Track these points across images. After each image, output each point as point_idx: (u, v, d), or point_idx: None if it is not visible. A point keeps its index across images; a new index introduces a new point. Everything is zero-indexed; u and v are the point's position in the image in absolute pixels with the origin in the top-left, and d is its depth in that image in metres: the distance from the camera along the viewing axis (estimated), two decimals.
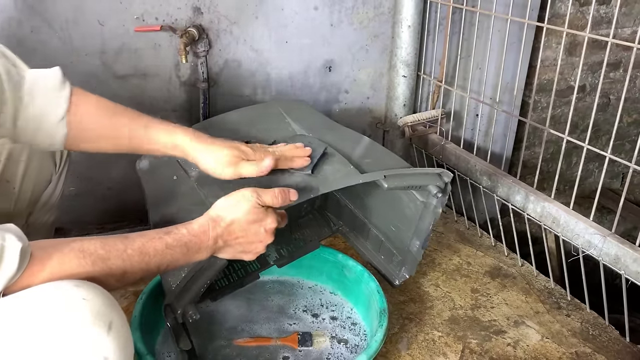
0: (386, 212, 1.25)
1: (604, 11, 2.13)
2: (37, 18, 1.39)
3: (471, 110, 1.93)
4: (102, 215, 1.62)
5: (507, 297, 1.41)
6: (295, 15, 1.64)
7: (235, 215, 0.89)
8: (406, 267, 1.25)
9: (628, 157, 1.37)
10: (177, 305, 0.96)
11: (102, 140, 0.99)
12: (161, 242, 0.82)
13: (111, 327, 0.67)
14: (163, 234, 0.84)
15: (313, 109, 1.45)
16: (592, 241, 1.26)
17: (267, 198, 0.92)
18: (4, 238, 0.68)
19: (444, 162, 1.72)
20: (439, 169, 1.10)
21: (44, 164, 1.10)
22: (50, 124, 0.92)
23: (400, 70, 1.79)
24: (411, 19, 1.71)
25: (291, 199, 0.95)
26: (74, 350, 0.65)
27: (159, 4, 1.48)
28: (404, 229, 1.21)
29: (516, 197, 1.47)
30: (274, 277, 1.38)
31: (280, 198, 0.93)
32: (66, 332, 0.65)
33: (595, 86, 2.24)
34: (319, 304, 1.31)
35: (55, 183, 1.14)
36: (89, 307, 0.67)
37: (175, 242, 0.83)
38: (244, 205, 0.90)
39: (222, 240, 0.89)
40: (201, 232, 0.87)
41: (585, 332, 1.30)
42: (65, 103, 0.92)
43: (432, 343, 1.25)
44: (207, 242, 0.87)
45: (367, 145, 1.21)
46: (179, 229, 0.86)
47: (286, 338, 1.19)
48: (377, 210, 1.28)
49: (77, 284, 0.69)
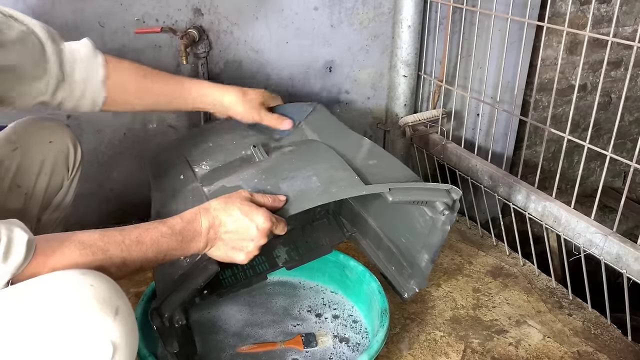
0: (397, 223, 1.24)
1: (605, 10, 2.13)
2: (38, 19, 1.39)
3: (472, 109, 1.93)
4: (105, 217, 1.62)
5: (509, 297, 1.41)
6: (295, 16, 1.64)
7: (226, 204, 0.91)
8: (415, 280, 1.23)
9: (629, 156, 1.38)
10: (165, 309, 0.96)
11: (137, 100, 1.10)
12: (156, 231, 0.84)
13: (117, 312, 0.70)
14: (158, 224, 0.86)
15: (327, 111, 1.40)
16: (594, 240, 1.25)
17: (258, 197, 0.96)
18: (11, 230, 0.71)
19: (445, 161, 1.72)
20: (447, 185, 1.06)
21: (56, 170, 1.12)
22: (93, 88, 1.02)
23: (400, 70, 1.79)
24: (411, 19, 1.71)
25: (280, 199, 0.99)
26: (81, 335, 0.67)
27: (160, 5, 1.48)
28: (413, 242, 1.20)
29: (517, 196, 1.47)
30: (275, 278, 1.38)
31: (270, 199, 0.97)
32: (74, 318, 0.67)
33: (596, 85, 2.24)
34: (322, 303, 1.31)
35: (67, 188, 1.16)
36: (95, 294, 0.69)
37: (170, 231, 0.85)
38: (235, 198, 0.92)
39: (214, 230, 0.90)
40: (193, 219, 0.89)
41: (587, 332, 1.30)
42: (103, 68, 1.02)
43: (434, 343, 1.25)
44: (199, 229, 0.88)
45: (373, 152, 1.19)
46: (173, 218, 0.88)
47: (290, 341, 1.18)
48: (389, 220, 1.26)
49: (83, 272, 0.72)
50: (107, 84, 1.03)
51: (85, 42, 1.03)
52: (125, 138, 1.58)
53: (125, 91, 1.07)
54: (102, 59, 1.03)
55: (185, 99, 1.14)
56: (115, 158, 1.59)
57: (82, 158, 1.18)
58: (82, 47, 1.01)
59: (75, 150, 1.15)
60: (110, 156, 1.59)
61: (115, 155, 1.59)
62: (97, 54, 1.03)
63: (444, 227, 1.10)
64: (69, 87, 0.99)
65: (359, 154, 1.17)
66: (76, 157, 1.16)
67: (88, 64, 1.01)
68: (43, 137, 1.10)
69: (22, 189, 1.06)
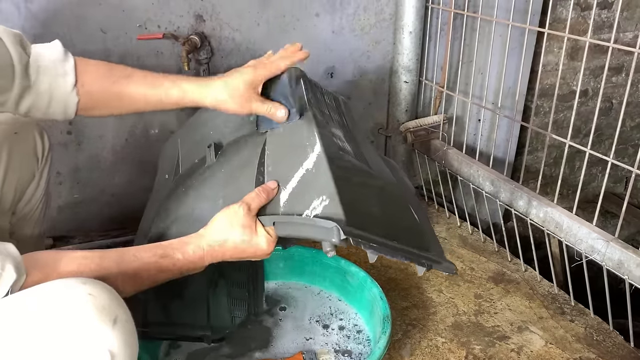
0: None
1: (605, 15, 2.13)
2: (41, 26, 1.40)
3: (473, 115, 1.93)
4: (106, 222, 1.62)
5: (511, 303, 1.40)
6: (296, 22, 1.64)
7: (225, 241, 0.92)
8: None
9: (631, 162, 1.38)
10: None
11: (112, 104, 1.00)
12: (156, 266, 0.86)
13: (116, 321, 0.69)
14: (159, 258, 0.86)
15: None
16: (595, 246, 1.25)
17: (253, 203, 0.93)
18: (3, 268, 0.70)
19: (446, 167, 1.72)
20: (331, 223, 0.87)
21: (25, 161, 1.10)
22: (62, 95, 0.94)
23: (402, 76, 1.79)
24: (412, 25, 1.72)
25: (272, 188, 0.96)
26: (79, 344, 0.66)
27: (162, 11, 1.49)
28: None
29: (519, 202, 1.46)
30: (279, 282, 1.38)
31: (264, 194, 0.95)
32: (72, 326, 0.67)
33: (598, 90, 2.24)
34: (329, 313, 1.30)
35: (38, 179, 1.15)
36: (94, 302, 0.69)
37: (171, 266, 0.87)
38: (235, 228, 0.91)
39: (216, 260, 0.93)
40: (197, 258, 0.90)
41: (590, 338, 1.29)
42: (72, 73, 0.94)
43: (436, 349, 1.24)
44: (201, 265, 0.91)
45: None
46: (175, 253, 0.88)
47: (289, 358, 1.16)
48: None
49: (83, 281, 0.71)
50: (79, 89, 0.95)
51: (55, 44, 0.95)
52: (127, 143, 1.58)
53: (98, 98, 0.98)
54: (72, 63, 0.95)
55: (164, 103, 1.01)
56: (117, 163, 1.60)
57: (50, 147, 1.16)
58: (50, 51, 0.94)
59: (42, 139, 1.14)
60: (112, 162, 1.59)
61: (117, 160, 1.59)
62: (68, 57, 0.95)
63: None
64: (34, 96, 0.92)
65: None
66: (44, 147, 1.15)
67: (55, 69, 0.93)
68: (7, 130, 1.07)
69: None
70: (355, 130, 1.19)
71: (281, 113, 1.01)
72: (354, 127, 1.20)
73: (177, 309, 1.11)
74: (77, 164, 1.54)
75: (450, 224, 1.77)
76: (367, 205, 1.00)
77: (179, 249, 0.89)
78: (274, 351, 1.19)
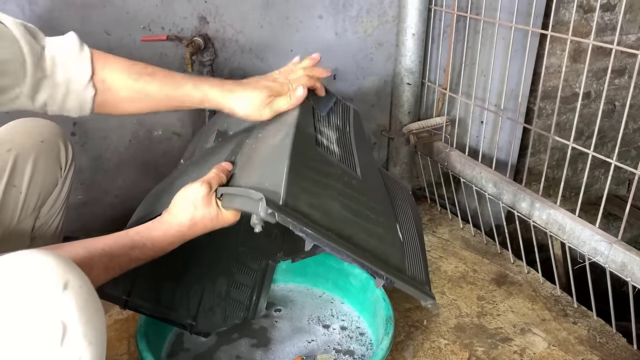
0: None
1: (608, 18, 2.13)
2: (45, 27, 1.39)
3: (476, 117, 1.93)
4: (109, 223, 1.63)
5: (514, 305, 1.40)
6: (300, 24, 1.65)
7: (195, 215, 0.90)
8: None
9: (634, 164, 1.37)
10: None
11: (134, 102, 0.98)
12: (126, 257, 0.86)
13: (67, 286, 0.62)
14: (128, 249, 0.87)
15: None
16: (599, 248, 1.25)
17: (213, 181, 0.91)
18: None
19: (449, 169, 1.73)
20: (260, 195, 0.81)
21: (49, 167, 1.12)
22: (78, 88, 0.92)
23: (404, 78, 1.79)
24: (415, 27, 1.72)
25: (227, 168, 0.95)
26: (25, 313, 0.60)
27: (165, 13, 1.49)
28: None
29: (522, 204, 1.46)
30: (281, 285, 1.38)
31: (223, 173, 0.93)
32: (16, 295, 0.60)
33: (600, 93, 2.24)
34: (330, 314, 1.31)
35: (61, 185, 1.16)
36: (37, 268, 0.62)
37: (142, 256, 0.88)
38: (198, 204, 0.89)
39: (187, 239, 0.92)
40: (167, 245, 0.90)
41: (592, 340, 1.29)
42: (89, 65, 0.92)
43: (438, 351, 1.24)
44: (171, 249, 0.91)
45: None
46: (145, 244, 0.88)
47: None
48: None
49: (30, 250, 0.65)
50: (97, 83, 0.94)
51: (70, 35, 0.94)
52: (130, 145, 1.59)
53: (119, 94, 0.96)
54: (88, 55, 0.93)
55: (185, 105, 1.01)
56: (120, 165, 1.60)
57: (73, 155, 1.18)
58: (65, 42, 0.93)
59: (66, 148, 1.15)
60: (116, 163, 1.59)
61: (120, 162, 1.60)
62: (83, 48, 0.93)
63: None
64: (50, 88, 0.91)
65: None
66: (67, 155, 1.16)
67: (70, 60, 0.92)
68: (35, 137, 1.10)
69: (17, 188, 1.07)
70: (359, 141, 1.15)
71: (300, 92, 1.02)
72: (358, 137, 1.16)
73: (168, 291, 1.12)
74: (81, 165, 1.54)
75: (452, 225, 1.77)
76: (325, 198, 0.91)
77: (149, 239, 0.89)
78: (273, 354, 1.19)
